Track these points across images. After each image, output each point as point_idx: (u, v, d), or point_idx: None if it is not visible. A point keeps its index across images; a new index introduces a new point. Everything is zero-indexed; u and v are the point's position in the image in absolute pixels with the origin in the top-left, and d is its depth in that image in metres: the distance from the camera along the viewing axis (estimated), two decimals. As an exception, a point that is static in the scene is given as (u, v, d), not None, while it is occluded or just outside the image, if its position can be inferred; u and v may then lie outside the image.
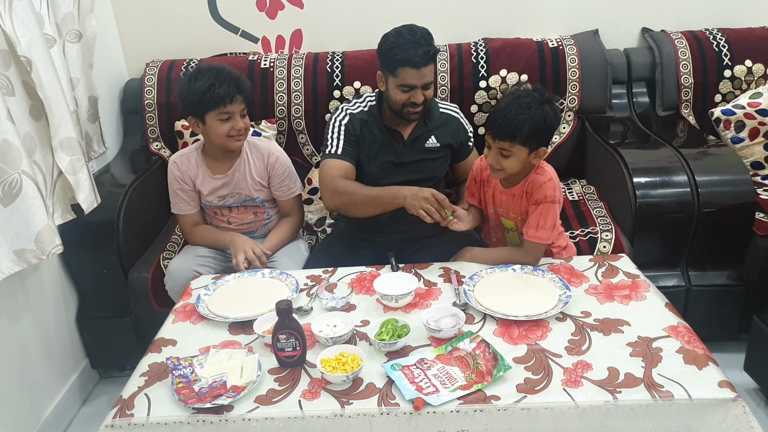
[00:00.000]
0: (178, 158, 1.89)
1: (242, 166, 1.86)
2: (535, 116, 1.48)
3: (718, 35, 2.35)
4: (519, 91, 1.55)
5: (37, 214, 1.55)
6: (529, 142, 1.50)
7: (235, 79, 1.74)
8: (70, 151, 1.69)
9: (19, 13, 1.54)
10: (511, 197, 1.63)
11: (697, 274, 1.94)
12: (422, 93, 1.74)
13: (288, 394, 1.19)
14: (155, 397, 1.21)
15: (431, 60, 1.71)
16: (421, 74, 1.70)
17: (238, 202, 1.90)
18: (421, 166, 1.86)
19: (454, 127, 1.90)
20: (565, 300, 1.40)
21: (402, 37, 1.70)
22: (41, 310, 1.87)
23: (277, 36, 2.55)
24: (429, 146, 1.86)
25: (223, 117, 1.74)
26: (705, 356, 1.21)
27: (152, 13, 2.50)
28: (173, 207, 1.92)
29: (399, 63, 1.69)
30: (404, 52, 1.68)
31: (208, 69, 1.75)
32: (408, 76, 1.70)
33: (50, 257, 1.60)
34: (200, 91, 1.70)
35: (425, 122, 1.85)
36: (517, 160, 1.53)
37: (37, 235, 1.56)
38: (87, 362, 2.11)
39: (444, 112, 1.90)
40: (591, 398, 1.13)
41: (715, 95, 2.33)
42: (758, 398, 1.84)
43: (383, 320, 1.35)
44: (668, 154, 2.01)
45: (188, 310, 1.51)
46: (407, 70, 1.69)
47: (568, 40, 2.35)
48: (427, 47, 1.70)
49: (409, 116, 1.78)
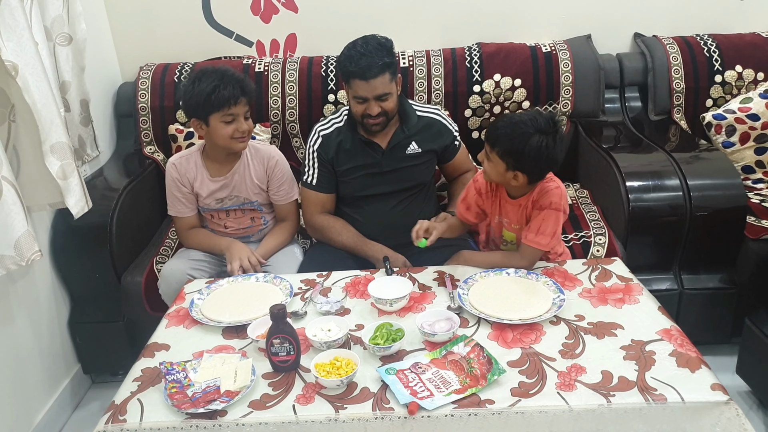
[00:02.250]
0: (177, 160, 1.88)
1: (242, 169, 1.86)
2: (516, 137, 1.46)
3: (709, 41, 2.37)
4: (534, 112, 1.54)
5: (17, 220, 1.52)
6: (505, 158, 1.49)
7: (239, 81, 1.74)
8: (60, 156, 1.67)
9: (6, 18, 1.52)
10: (517, 207, 1.61)
11: (689, 278, 1.95)
12: (377, 105, 1.71)
13: (282, 399, 1.19)
14: (148, 402, 1.20)
15: (382, 71, 1.68)
16: (370, 86, 1.68)
17: (236, 205, 1.90)
18: (403, 174, 1.85)
19: (435, 131, 1.89)
20: (559, 304, 1.40)
21: (354, 49, 1.70)
22: (33, 315, 1.86)
23: (272, 40, 2.55)
24: (410, 153, 1.85)
25: (228, 119, 1.73)
26: (697, 359, 1.21)
27: (146, 17, 2.50)
28: (170, 209, 1.92)
29: (349, 75, 1.70)
30: (353, 64, 1.68)
31: (212, 71, 1.74)
32: (359, 88, 1.70)
33: (29, 263, 1.56)
34: (205, 92, 1.70)
35: (403, 130, 1.84)
36: (494, 168, 1.52)
37: (16, 242, 1.53)
38: (79, 367, 2.09)
39: (423, 116, 1.89)
40: (585, 401, 1.13)
41: (707, 100, 2.35)
42: (750, 401, 1.85)
43: (378, 324, 1.34)
44: (661, 158, 2.02)
45: (182, 315, 1.50)
46: (357, 82, 1.69)
47: (561, 45, 2.36)
48: (378, 59, 1.66)
49: (371, 127, 1.77)
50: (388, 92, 1.72)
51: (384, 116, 1.75)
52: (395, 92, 1.75)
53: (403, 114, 1.85)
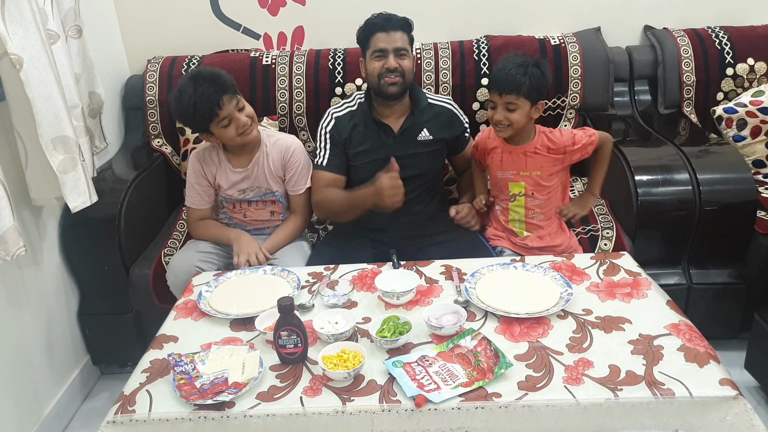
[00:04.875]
0: (200, 152, 1.91)
1: (261, 159, 1.87)
2: (532, 72, 1.67)
3: (721, 33, 2.34)
4: (512, 56, 1.72)
5: (3, 214, 1.50)
6: (531, 95, 1.67)
7: (212, 84, 1.70)
8: (63, 149, 1.66)
9: (12, 11, 1.52)
10: (524, 156, 1.76)
11: (698, 272, 1.94)
12: (396, 60, 1.78)
13: (289, 391, 1.19)
14: (157, 393, 1.21)
15: (401, 27, 1.79)
16: (391, 38, 1.77)
17: (258, 195, 1.91)
18: (413, 161, 1.85)
19: (447, 119, 1.91)
20: (567, 298, 1.40)
21: (375, 15, 1.82)
22: (42, 306, 1.88)
23: (279, 33, 2.54)
24: (421, 139, 1.86)
25: (224, 123, 1.74)
26: (706, 354, 1.21)
27: (154, 10, 2.50)
28: (187, 199, 1.94)
29: (370, 32, 1.79)
30: (375, 21, 1.80)
31: (186, 85, 1.72)
32: (378, 41, 1.78)
33: (15, 258, 1.55)
34: (189, 114, 1.72)
35: (413, 112, 1.86)
36: (522, 112, 1.69)
37: (1, 236, 1.51)
38: (88, 358, 2.11)
39: (435, 104, 1.91)
40: (592, 396, 1.13)
41: (717, 93, 2.32)
42: (759, 396, 1.85)
43: (385, 317, 1.35)
44: (670, 152, 2.01)
45: (190, 307, 1.51)
46: (377, 35, 1.78)
47: (570, 37, 2.35)
48: (397, 17, 1.79)
49: (387, 88, 1.79)
50: (406, 48, 1.80)
51: (401, 76, 1.79)
52: (411, 57, 1.83)
53: (415, 98, 1.88)
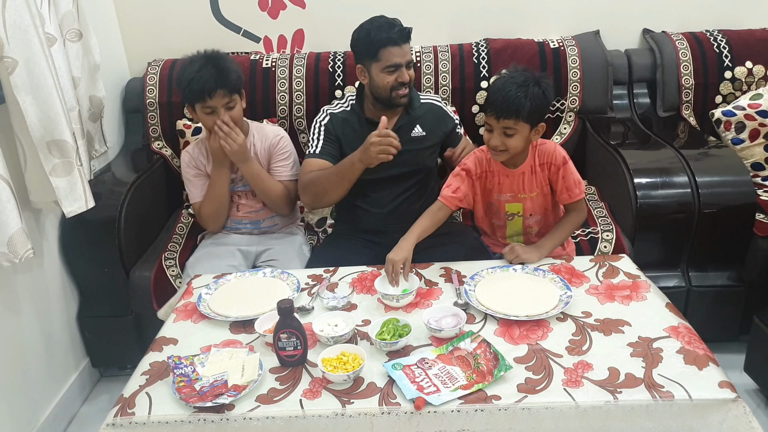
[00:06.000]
0: (190, 146, 1.93)
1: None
2: (534, 93, 1.53)
3: (719, 36, 2.35)
4: (511, 72, 1.59)
5: (11, 217, 1.51)
6: (531, 119, 1.55)
7: (218, 71, 1.69)
8: (59, 153, 1.65)
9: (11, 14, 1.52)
10: (521, 176, 1.67)
11: (697, 275, 1.95)
12: (407, 72, 1.77)
13: (289, 394, 1.19)
14: (156, 395, 1.21)
15: (408, 38, 1.76)
16: (403, 51, 1.74)
17: (246, 185, 1.91)
18: (408, 157, 1.84)
19: (438, 116, 1.93)
20: (566, 300, 1.40)
21: (376, 21, 1.75)
22: (42, 309, 1.88)
23: (279, 36, 2.55)
24: (415, 135, 1.87)
25: (207, 111, 1.73)
26: (705, 356, 1.21)
27: (154, 13, 2.50)
28: (190, 197, 1.95)
29: (380, 44, 1.73)
30: (383, 32, 1.72)
31: (200, 57, 1.73)
32: (392, 55, 1.73)
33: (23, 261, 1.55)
34: (182, 86, 1.69)
35: (408, 112, 1.87)
36: (521, 137, 1.57)
37: (9, 239, 1.52)
38: (87, 361, 2.11)
39: (426, 102, 1.93)
40: (591, 398, 1.13)
41: (716, 96, 2.33)
42: (758, 399, 1.85)
43: (384, 320, 1.35)
44: (669, 155, 2.01)
45: (189, 309, 1.51)
46: (390, 49, 1.73)
47: (569, 40, 2.35)
48: (402, 26, 1.75)
49: (398, 100, 1.80)
50: (413, 60, 1.79)
51: (410, 87, 1.80)
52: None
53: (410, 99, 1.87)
